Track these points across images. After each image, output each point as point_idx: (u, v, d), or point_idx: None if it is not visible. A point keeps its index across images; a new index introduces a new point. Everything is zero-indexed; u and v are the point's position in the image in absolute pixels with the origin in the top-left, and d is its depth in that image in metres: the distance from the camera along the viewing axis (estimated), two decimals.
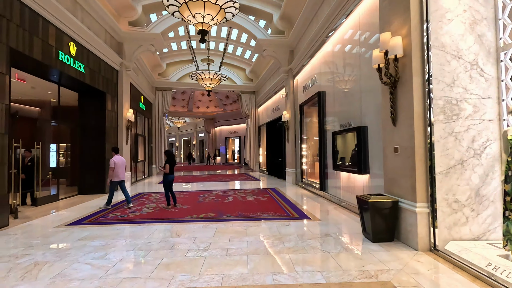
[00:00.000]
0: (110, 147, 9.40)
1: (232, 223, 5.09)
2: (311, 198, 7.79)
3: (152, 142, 16.32)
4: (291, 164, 10.98)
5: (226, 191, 9.12)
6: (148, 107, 15.29)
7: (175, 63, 17.14)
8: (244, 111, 18.15)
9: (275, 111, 14.11)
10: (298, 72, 10.56)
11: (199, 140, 35.21)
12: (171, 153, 6.78)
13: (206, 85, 14.32)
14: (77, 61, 7.40)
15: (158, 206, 6.79)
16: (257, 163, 17.83)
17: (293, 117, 11.04)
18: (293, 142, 10.97)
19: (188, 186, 10.81)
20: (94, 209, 6.49)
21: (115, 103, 9.83)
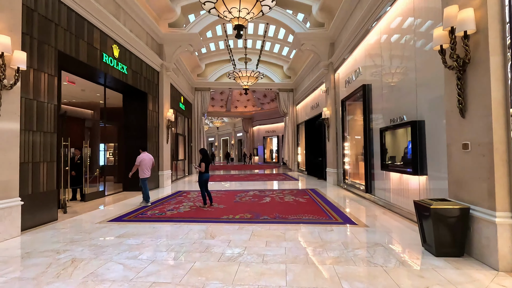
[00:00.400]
0: (152, 146, 9.70)
1: (269, 226, 4.76)
2: (355, 200, 7.15)
3: (192, 142, 16.71)
4: (332, 164, 10.33)
5: (264, 191, 8.83)
6: (188, 107, 15.66)
7: (213, 64, 17.35)
8: (282, 110, 17.74)
9: (314, 108, 13.49)
10: (339, 65, 9.87)
11: (237, 140, 35.57)
12: (206, 152, 6.67)
13: (244, 84, 14.21)
14: (120, 62, 7.68)
15: (195, 204, 6.73)
16: (295, 162, 17.30)
17: (334, 113, 10.37)
18: (334, 141, 10.31)
19: (225, 185, 10.75)
20: (135, 206, 6.63)
21: (156, 103, 10.11)
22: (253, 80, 14.11)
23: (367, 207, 6.28)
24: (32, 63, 4.83)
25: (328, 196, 7.77)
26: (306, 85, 14.37)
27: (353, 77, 8.47)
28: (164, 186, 10.21)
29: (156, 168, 10.08)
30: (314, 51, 10.81)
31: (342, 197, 7.78)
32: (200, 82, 16.99)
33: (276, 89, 17.68)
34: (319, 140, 13.00)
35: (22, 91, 4.56)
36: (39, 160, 4.94)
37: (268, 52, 17.02)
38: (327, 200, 7.13)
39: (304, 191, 8.73)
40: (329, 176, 10.73)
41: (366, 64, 7.46)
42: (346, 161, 9.31)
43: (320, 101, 12.54)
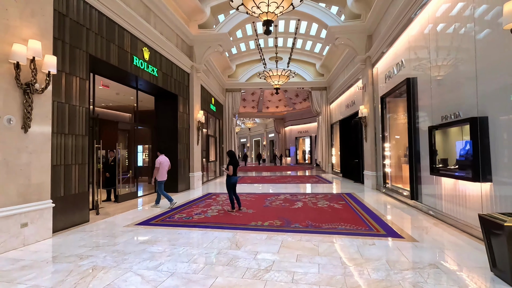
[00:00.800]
0: (182, 147, 9.71)
1: (301, 236, 4.32)
2: (398, 208, 6.40)
3: (223, 143, 16.69)
4: (370, 166, 9.52)
5: (295, 195, 8.35)
6: (219, 108, 15.67)
7: (244, 64, 17.20)
8: (314, 109, 17.05)
9: (350, 106, 12.67)
10: (377, 59, 9.07)
11: (269, 141, 35.26)
12: (234, 154, 6.39)
13: (274, 83, 13.83)
14: (150, 65, 7.73)
15: (223, 209, 6.49)
16: (329, 164, 16.50)
17: (372, 111, 9.56)
18: (373, 141, 9.49)
19: (255, 188, 10.45)
20: (164, 209, 6.57)
21: (186, 105, 10.13)
22: (284, 79, 13.67)
23: (413, 217, 5.55)
24: (64, 67, 4.92)
25: (366, 202, 7.09)
26: (341, 83, 13.58)
27: (394, 71, 7.67)
28: (195, 188, 10.18)
29: (187, 169, 10.09)
30: (350, 45, 10.09)
31: (382, 203, 7.05)
32: (231, 83, 16.93)
33: (309, 87, 17.03)
34: (355, 141, 12.17)
35: (54, 95, 4.65)
36: (71, 163, 5.02)
37: (300, 50, 16.46)
38: (366, 207, 6.48)
39: (339, 196, 8.10)
40: (367, 179, 9.93)
41: (410, 56, 6.67)
42: (387, 164, 8.49)
43: (356, 98, 11.73)
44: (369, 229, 4.69)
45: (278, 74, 13.39)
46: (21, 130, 4.03)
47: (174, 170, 9.32)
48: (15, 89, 3.95)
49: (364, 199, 7.52)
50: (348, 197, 7.82)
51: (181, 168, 9.52)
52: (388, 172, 8.46)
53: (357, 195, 8.26)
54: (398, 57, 7.45)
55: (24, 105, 4.03)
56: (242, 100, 27.21)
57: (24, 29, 4.10)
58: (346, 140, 13.70)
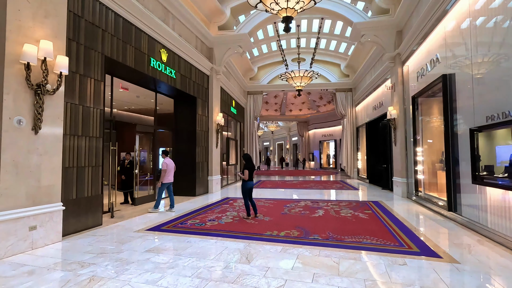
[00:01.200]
0: (201, 150, 9.56)
1: (320, 250, 3.87)
2: (433, 220, 5.70)
3: (244, 146, 16.47)
4: (400, 172, 8.76)
5: (317, 202, 7.84)
6: (240, 111, 15.48)
7: (266, 66, 16.92)
8: (339, 111, 16.33)
9: (377, 108, 11.90)
10: (408, 56, 8.36)
11: (292, 144, 34.64)
12: (249, 158, 6.06)
13: (296, 85, 13.39)
14: (168, 67, 7.65)
15: (239, 215, 6.16)
16: (355, 169, 15.67)
17: (402, 113, 8.82)
18: (403, 145, 8.74)
19: (275, 193, 10.04)
20: (180, 213, 6.38)
21: (205, 108, 10.00)
22: (307, 80, 13.18)
23: (452, 231, 4.87)
24: (78, 69, 4.89)
25: (395, 212, 6.43)
26: (367, 83, 12.84)
27: (427, 68, 6.97)
28: (213, 192, 9.98)
29: (205, 173, 9.92)
30: (377, 42, 9.43)
31: (414, 214, 6.36)
32: (253, 86, 16.70)
33: (333, 89, 16.36)
34: (383, 145, 11.38)
35: (67, 96, 4.61)
36: (84, 165, 4.96)
37: (324, 50, 15.88)
38: (395, 218, 5.85)
39: (365, 204, 7.48)
40: (396, 186, 9.15)
41: (446, 52, 5.99)
42: (419, 170, 7.73)
43: (384, 99, 10.98)
44: (400, 244, 4.12)
45: (301, 75, 12.95)
46: (32, 132, 3.98)
47: (191, 174, 9.20)
48: (26, 90, 3.91)
49: (393, 209, 6.85)
50: (375, 206, 7.18)
51: (199, 172, 9.36)
52: (421, 179, 7.70)
53: (385, 203, 7.58)
54: (431, 53, 6.76)
55: (35, 106, 3.99)
56: (265, 103, 26.97)
57: (37, 30, 4.08)
58: (373, 144, 12.91)
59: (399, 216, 5.98)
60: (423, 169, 7.63)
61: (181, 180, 9.25)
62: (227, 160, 13.04)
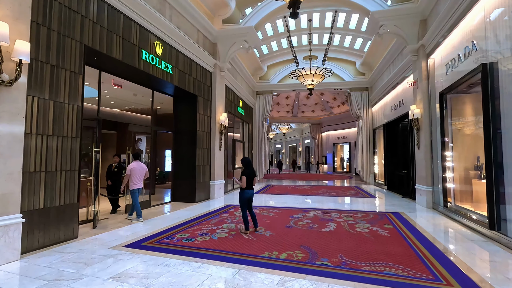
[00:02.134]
0: (202, 153, 8.85)
1: (329, 284, 3.00)
2: (470, 240, 4.69)
3: (252, 149, 15.68)
4: (425, 179, 7.70)
5: (328, 212, 6.92)
6: (248, 112, 14.73)
7: (276, 65, 16.11)
8: (354, 112, 15.28)
9: (396, 108, 10.83)
10: (435, 47, 7.34)
11: (304, 147, 33.58)
12: (249, 162, 5.20)
13: (308, 83, 12.49)
14: (164, 61, 6.98)
15: (237, 228, 5.35)
16: (371, 174, 14.55)
17: (426, 112, 7.78)
18: (428, 148, 7.69)
19: (282, 200, 9.17)
20: (171, 223, 5.65)
21: (207, 107, 9.29)
22: (319, 78, 12.27)
23: (499, 258, 3.86)
24: (49, 58, 4.25)
25: (421, 227, 5.44)
26: (385, 81, 11.78)
27: (460, 59, 5.94)
28: (215, 198, 9.22)
29: (207, 177, 9.19)
30: (398, 33, 8.43)
31: (443, 230, 5.35)
32: (262, 85, 15.92)
33: (347, 88, 15.34)
34: (403, 148, 10.31)
35: (33, 89, 3.97)
36: (55, 169, 4.30)
37: (337, 47, 14.92)
38: (423, 236, 4.87)
39: (384, 216, 6.49)
40: (419, 195, 8.09)
41: (488, 37, 4.98)
42: (448, 177, 6.68)
43: (405, 98, 9.92)
44: (434, 277, 3.18)
45: (312, 73, 12.05)
46: None
47: (191, 178, 8.48)
48: None
49: (418, 223, 5.85)
50: (396, 219, 6.19)
51: (199, 176, 8.63)
52: (450, 187, 6.64)
53: (408, 216, 6.57)
54: (465, 41, 5.75)
55: None
56: (276, 104, 26.13)
57: None
58: (392, 147, 11.81)
59: (427, 234, 5.00)
60: (453, 176, 6.57)
61: (180, 185, 8.56)
62: (232, 163, 12.29)
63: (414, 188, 8.82)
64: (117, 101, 9.51)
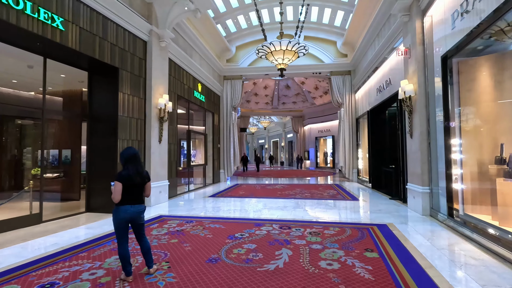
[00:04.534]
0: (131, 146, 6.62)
1: None
2: (503, 276, 2.75)
3: (219, 143, 13.54)
4: (419, 177, 5.80)
5: (289, 226, 4.89)
6: (212, 99, 12.54)
7: (246, 46, 13.93)
8: (335, 100, 13.35)
9: (383, 90, 8.92)
10: (432, 0, 5.41)
11: (287, 141, 31.72)
12: (132, 156, 2.98)
13: (278, 62, 10.40)
14: (42, 8, 4.70)
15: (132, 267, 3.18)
16: (354, 170, 12.70)
17: (422, 88, 5.84)
18: (424, 136, 5.77)
19: (239, 206, 7.10)
20: (24, 259, 3.47)
21: (139, 86, 7.06)
22: (292, 55, 10.18)
23: None
24: None
25: (420, 254, 3.47)
26: (370, 59, 9.86)
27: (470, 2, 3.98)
28: (151, 205, 7.05)
29: None
30: None
31: (457, 258, 3.41)
32: (230, 69, 13.74)
33: (327, 72, 13.37)
34: (391, 138, 8.45)
35: None
36: None
37: (316, 24, 12.93)
38: (427, 278, 2.89)
39: (367, 233, 4.51)
40: (412, 197, 6.19)
41: None
42: (456, 174, 4.76)
43: (393, 76, 8.01)
44: None
45: (283, 49, 9.97)
46: None
47: (107, 181, 6.27)
48: None
49: (415, 244, 3.90)
50: (382, 238, 4.21)
51: None
52: (457, 189, 4.72)
53: (398, 230, 4.63)
54: None
55: None
56: (254, 95, 24.02)
57: None
58: (378, 138, 9.95)
59: (433, 271, 3.02)
60: (462, 173, 4.66)
61: (96, 190, 6.35)
62: (188, 160, 10.12)
63: (405, 188, 6.93)
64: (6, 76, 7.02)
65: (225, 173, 13.64)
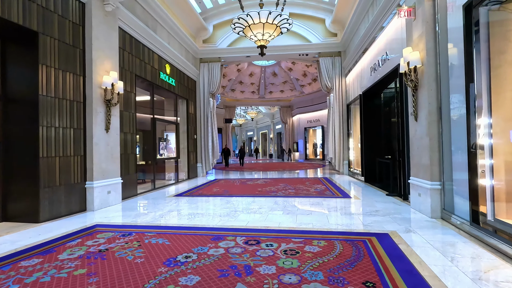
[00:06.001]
0: (58, 136, 5.17)
1: None
2: None
3: (196, 133, 12.10)
4: (428, 170, 4.55)
5: (258, 241, 3.57)
6: (186, 84, 11.05)
7: (224, 24, 12.37)
8: (324, 84, 12.03)
9: (378, 68, 7.63)
10: None
11: (276, 133, 30.45)
12: None
13: (258, 38, 8.97)
14: None
15: None
16: (344, 162, 11.51)
17: (432, 55, 4.55)
18: (435, 117, 4.50)
19: (204, 209, 5.75)
20: None
21: (73, 58, 5.55)
22: (273, 30, 8.76)
23: None
24: None
25: (443, 284, 2.23)
26: (363, 34, 8.53)
27: None
28: (94, 209, 5.63)
29: (78, 176, 5.56)
30: None
31: None
32: (207, 50, 12.22)
33: (315, 53, 12.00)
34: (387, 124, 7.23)
35: None
36: None
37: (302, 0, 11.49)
38: None
39: (363, 248, 3.23)
40: (416, 194, 4.95)
41: None
42: (483, 165, 3.50)
43: (390, 47, 6.71)
44: None
45: (262, 22, 8.53)
46: None
47: (31, 179, 4.81)
48: None
49: (436, 268, 2.64)
50: (386, 256, 2.94)
51: (53, 174, 4.99)
52: (487, 185, 3.48)
53: (406, 242, 3.37)
54: None
55: None
56: (239, 83, 22.51)
57: None
58: (371, 125, 8.72)
59: None
60: (491, 165, 3.41)
61: (14, 192, 4.88)
62: (153, 153, 8.68)
63: (405, 183, 5.72)
64: None
65: (203, 167, 12.25)
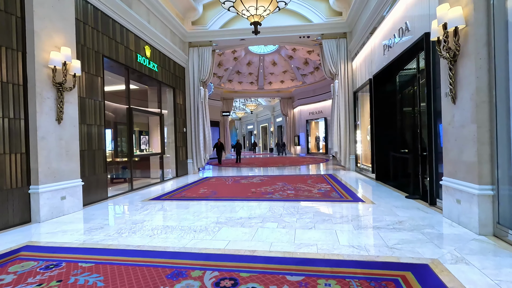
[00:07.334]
0: None
1: None
2: None
3: (185, 126, 10.89)
4: (473, 169, 3.31)
5: (235, 279, 2.40)
6: (172, 71, 9.81)
7: (216, 3, 11.00)
8: (327, 69, 10.73)
9: (394, 45, 6.32)
10: None
11: (276, 126, 29.19)
12: None
13: (250, 13, 7.68)
14: None
15: None
16: (351, 156, 10.28)
17: (482, 12, 3.26)
18: (484, 96, 3.24)
19: (180, 220, 4.57)
20: None
21: (6, 28, 4.33)
22: (268, 3, 7.46)
23: None
24: None
25: None
26: (373, 7, 7.21)
27: None
28: (41, 221, 4.47)
29: (24, 179, 4.38)
30: None
31: None
32: (196, 33, 10.92)
33: (318, 34, 10.67)
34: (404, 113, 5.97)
35: None
36: None
37: None
38: None
39: None
40: (452, 200, 3.72)
41: None
42: None
43: (411, 16, 5.40)
44: None
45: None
46: None
47: None
48: None
49: None
50: None
51: None
52: None
53: (456, 277, 2.16)
54: None
55: None
56: (236, 73, 21.19)
57: None
58: (384, 113, 7.44)
59: None
60: None
61: None
62: (129, 147, 7.49)
63: (434, 184, 4.49)
64: None
65: (194, 163, 11.07)
